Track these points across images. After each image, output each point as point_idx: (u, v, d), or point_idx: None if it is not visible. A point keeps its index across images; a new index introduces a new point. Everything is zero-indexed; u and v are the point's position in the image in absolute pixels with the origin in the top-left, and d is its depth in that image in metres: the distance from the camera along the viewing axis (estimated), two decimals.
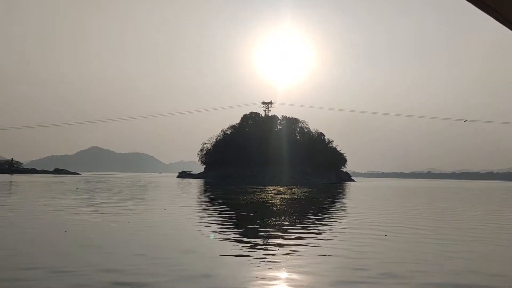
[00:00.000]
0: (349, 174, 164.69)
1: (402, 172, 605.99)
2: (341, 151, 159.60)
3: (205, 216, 19.58)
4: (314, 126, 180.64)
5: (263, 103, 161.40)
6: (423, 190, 66.14)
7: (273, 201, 30.40)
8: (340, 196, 41.84)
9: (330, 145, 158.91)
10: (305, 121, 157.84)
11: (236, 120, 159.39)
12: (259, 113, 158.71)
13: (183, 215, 19.89)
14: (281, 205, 27.28)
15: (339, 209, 25.69)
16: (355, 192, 52.84)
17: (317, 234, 14.17)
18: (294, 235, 13.60)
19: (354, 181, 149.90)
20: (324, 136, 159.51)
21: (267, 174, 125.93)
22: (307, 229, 15.22)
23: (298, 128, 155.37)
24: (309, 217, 19.81)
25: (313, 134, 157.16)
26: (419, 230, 15.78)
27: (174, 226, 15.84)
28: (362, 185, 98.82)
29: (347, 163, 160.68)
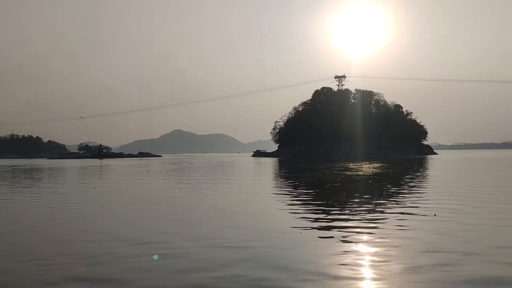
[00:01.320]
0: (430, 147, 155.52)
1: (492, 143, 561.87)
2: (421, 123, 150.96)
3: (275, 194, 19.13)
4: (391, 98, 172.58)
5: (336, 77, 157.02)
6: None
7: (347, 177, 29.16)
8: (416, 170, 39.20)
9: (409, 117, 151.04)
10: (380, 94, 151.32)
11: (308, 96, 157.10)
12: (331, 88, 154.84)
13: (255, 193, 19.61)
14: (354, 181, 25.95)
15: (418, 183, 23.65)
16: (435, 166, 49.44)
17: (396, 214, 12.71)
18: (362, 217, 12.36)
19: (436, 154, 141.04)
20: (402, 108, 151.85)
21: (341, 150, 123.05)
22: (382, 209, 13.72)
23: (373, 101, 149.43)
24: (385, 193, 18.41)
25: (389, 107, 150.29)
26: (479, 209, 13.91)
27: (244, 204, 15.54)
28: (444, 157, 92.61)
29: (428, 135, 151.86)
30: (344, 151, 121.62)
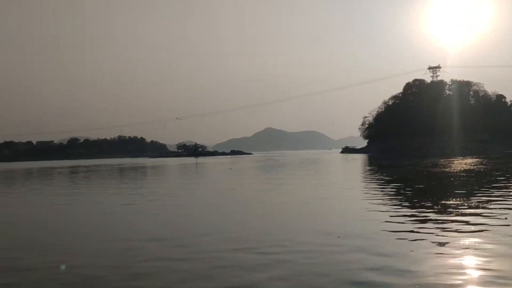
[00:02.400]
0: None
1: None
2: None
3: (364, 191, 19.31)
4: (493, 88, 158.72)
5: (430, 68, 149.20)
6: None
7: (447, 174, 28.63)
8: None
9: None
10: (480, 84, 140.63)
11: (398, 89, 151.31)
12: (424, 80, 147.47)
13: (343, 189, 19.86)
14: (455, 178, 24.89)
15: None
16: None
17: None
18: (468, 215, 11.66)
19: None
20: (505, 98, 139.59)
21: (435, 145, 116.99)
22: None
23: (471, 92, 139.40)
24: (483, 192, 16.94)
25: (490, 97, 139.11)
26: None
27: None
28: None
29: None
30: (439, 146, 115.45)
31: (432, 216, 11.73)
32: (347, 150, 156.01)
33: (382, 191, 18.69)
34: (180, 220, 12.70)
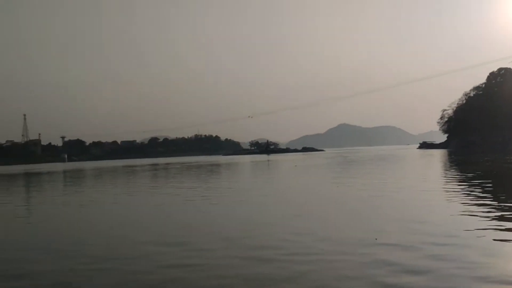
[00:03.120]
0: None
1: None
2: None
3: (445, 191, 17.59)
4: None
5: None
6: None
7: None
8: None
9: None
10: None
11: (481, 80, 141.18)
12: (510, 69, 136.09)
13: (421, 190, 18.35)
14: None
15: None
16: None
17: None
18: None
19: None
20: None
21: None
22: None
23: None
24: None
25: None
26: None
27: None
28: None
29: None
30: None
31: None
32: (424, 145, 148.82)
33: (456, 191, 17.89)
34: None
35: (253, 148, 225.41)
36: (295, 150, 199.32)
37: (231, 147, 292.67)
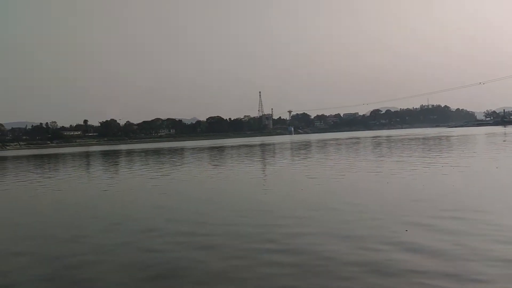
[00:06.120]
0: None
1: None
2: None
3: None
4: None
5: None
6: None
7: None
8: None
9: None
10: None
11: None
12: None
13: None
14: None
15: None
16: None
17: None
18: None
19: None
20: None
21: None
22: None
23: None
24: None
25: None
26: None
27: None
28: None
29: None
30: None
31: None
32: None
33: None
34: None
35: (488, 119, 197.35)
36: None
37: (463, 118, 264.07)
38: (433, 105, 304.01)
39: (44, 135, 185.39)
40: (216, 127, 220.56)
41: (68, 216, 12.20)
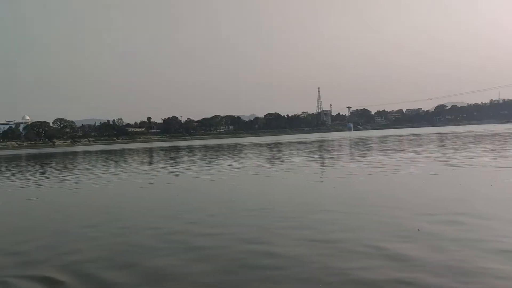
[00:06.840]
0: None
1: None
2: None
3: None
4: None
5: None
6: None
7: None
8: None
9: None
10: None
11: None
12: None
13: None
14: None
15: None
16: None
17: None
18: None
19: None
20: None
21: None
22: None
23: None
24: None
25: None
26: None
27: None
28: None
29: None
30: None
31: None
32: None
33: None
34: None
35: None
36: None
37: None
38: (504, 100, 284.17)
39: (111, 131, 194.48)
40: (273, 123, 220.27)
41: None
